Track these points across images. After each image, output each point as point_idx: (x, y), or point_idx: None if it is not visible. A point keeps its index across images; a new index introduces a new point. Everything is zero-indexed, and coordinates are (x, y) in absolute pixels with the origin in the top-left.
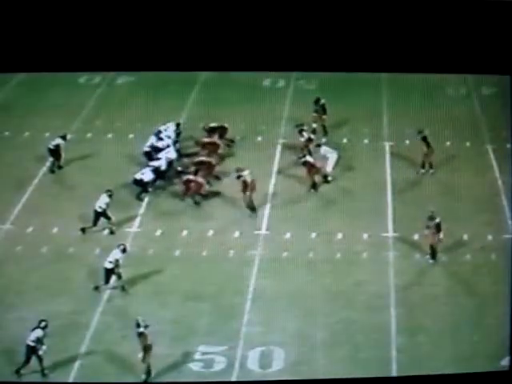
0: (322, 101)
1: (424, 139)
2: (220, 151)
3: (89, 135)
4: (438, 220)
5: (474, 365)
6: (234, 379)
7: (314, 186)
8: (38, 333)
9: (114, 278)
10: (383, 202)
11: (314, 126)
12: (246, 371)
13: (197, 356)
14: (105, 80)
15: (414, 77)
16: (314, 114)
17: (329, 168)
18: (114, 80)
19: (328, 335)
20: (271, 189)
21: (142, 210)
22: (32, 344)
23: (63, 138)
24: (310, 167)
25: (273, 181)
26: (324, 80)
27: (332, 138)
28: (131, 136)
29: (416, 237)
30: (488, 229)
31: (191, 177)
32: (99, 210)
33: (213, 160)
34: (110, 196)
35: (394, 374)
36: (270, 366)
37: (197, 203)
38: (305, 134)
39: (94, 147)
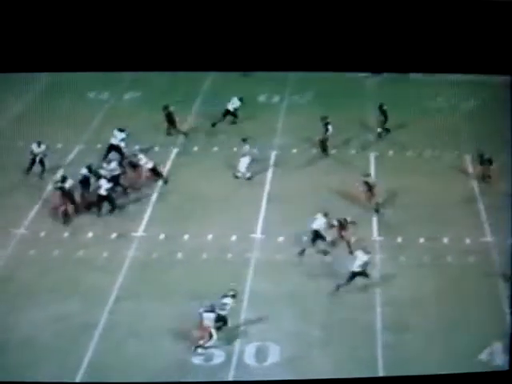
0: (385, 107)
1: (489, 161)
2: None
3: (99, 146)
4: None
5: (460, 363)
6: (232, 372)
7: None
8: (227, 300)
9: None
10: (369, 207)
11: (379, 130)
12: (243, 365)
13: (198, 350)
14: (113, 95)
15: (403, 89)
16: (381, 119)
17: (242, 168)
18: (122, 95)
19: (321, 334)
20: (265, 195)
21: (146, 216)
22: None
23: (89, 168)
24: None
25: (267, 187)
26: (316, 95)
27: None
28: (136, 147)
29: (399, 240)
30: (466, 232)
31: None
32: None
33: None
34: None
35: (381, 372)
36: (266, 359)
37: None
38: (330, 127)
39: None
